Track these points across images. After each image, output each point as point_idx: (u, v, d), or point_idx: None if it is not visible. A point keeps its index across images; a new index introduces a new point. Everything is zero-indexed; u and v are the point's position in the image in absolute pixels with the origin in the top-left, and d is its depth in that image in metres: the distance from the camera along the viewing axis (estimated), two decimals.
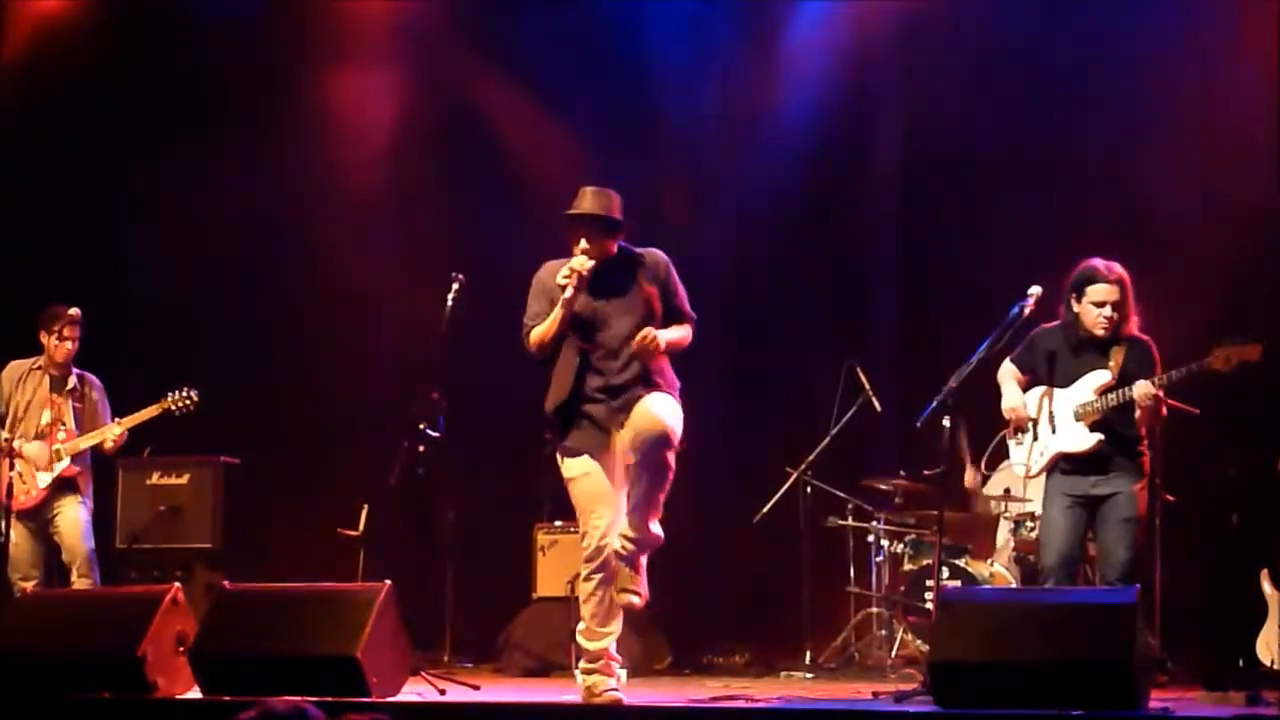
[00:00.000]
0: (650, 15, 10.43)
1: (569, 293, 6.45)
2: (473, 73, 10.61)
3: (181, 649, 6.85)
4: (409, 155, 10.67)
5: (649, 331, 6.43)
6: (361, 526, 9.37)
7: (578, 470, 6.53)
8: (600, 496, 6.50)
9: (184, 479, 9.62)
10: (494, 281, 9.60)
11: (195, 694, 6.76)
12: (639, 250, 6.69)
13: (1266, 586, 7.92)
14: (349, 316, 10.47)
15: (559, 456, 6.61)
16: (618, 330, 6.52)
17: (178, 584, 7.20)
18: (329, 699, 6.38)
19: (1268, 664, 7.69)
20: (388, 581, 6.80)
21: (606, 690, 6.58)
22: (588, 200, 6.62)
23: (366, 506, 9.40)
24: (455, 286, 7.90)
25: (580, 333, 6.54)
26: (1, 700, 6.75)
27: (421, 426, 7.91)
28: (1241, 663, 7.81)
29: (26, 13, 10.75)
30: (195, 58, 10.60)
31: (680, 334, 6.66)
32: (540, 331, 6.57)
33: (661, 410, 6.46)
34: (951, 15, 9.66)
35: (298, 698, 3.85)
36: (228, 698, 6.52)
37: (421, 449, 7.86)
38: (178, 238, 10.39)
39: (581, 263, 6.48)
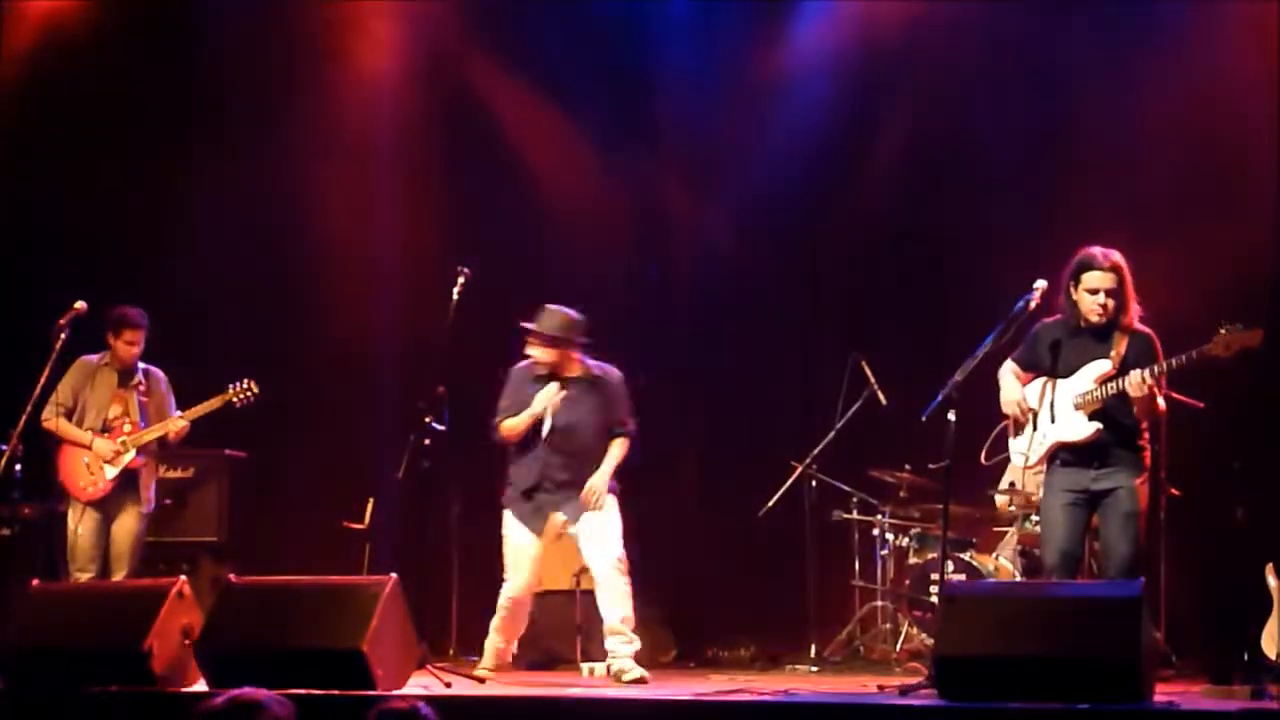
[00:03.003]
0: (657, 8, 10.47)
1: (525, 416, 7.83)
2: (478, 67, 10.61)
3: (187, 642, 6.86)
4: (414, 151, 10.67)
5: (594, 492, 7.80)
6: (367, 519, 9.41)
7: (517, 534, 7.95)
8: (525, 559, 7.91)
9: (190, 472, 9.66)
10: (499, 275, 9.64)
11: (201, 687, 6.77)
12: (599, 371, 7.94)
13: (1271, 581, 7.91)
14: (354, 309, 10.47)
15: (507, 514, 7.98)
16: (574, 437, 7.86)
17: (183, 577, 7.21)
18: (335, 692, 6.41)
19: (1273, 658, 7.69)
20: (393, 575, 6.81)
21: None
22: (544, 319, 7.85)
23: (372, 500, 9.44)
24: (461, 280, 7.95)
25: (543, 435, 7.85)
26: (9, 693, 6.77)
27: (427, 420, 7.92)
28: (1246, 657, 7.80)
29: (33, 11, 10.76)
30: (202, 54, 10.61)
31: (617, 457, 7.92)
32: (511, 426, 7.91)
33: (612, 535, 7.84)
34: (957, 12, 9.67)
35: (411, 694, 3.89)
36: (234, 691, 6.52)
37: (427, 442, 7.87)
38: (181, 234, 10.40)
39: (555, 395, 7.83)
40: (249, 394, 8.71)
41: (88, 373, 8.68)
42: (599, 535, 7.81)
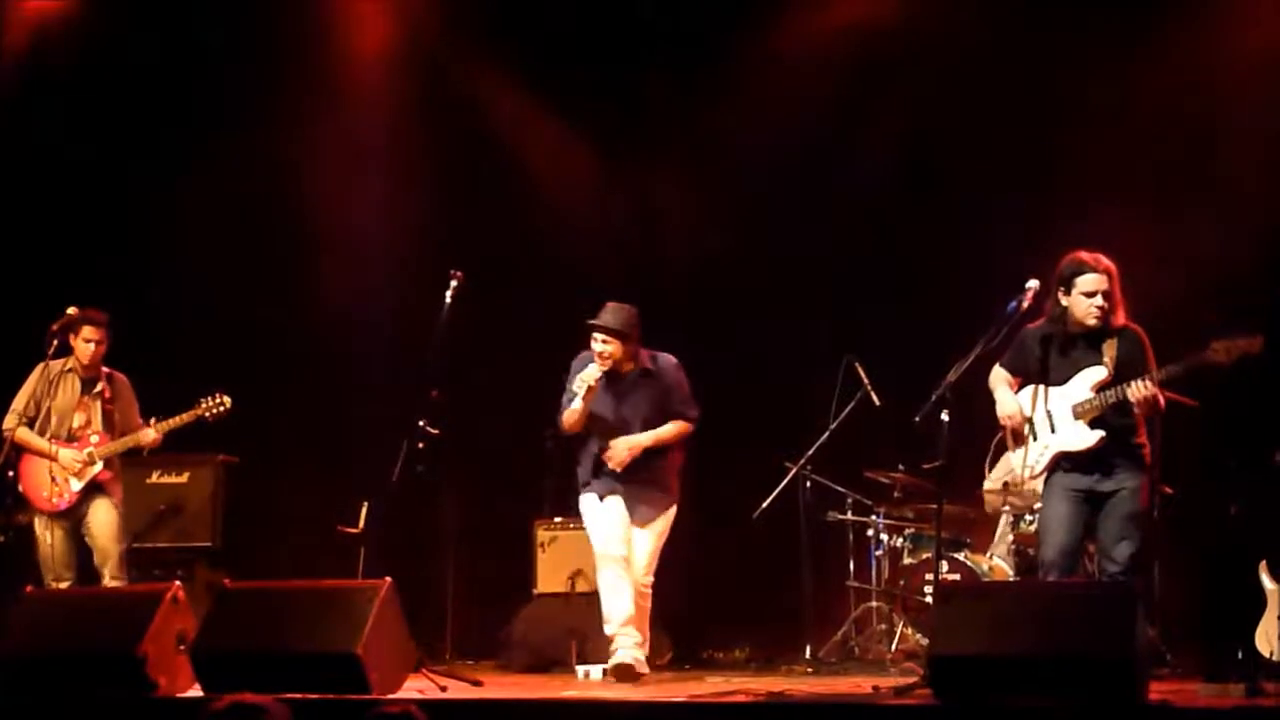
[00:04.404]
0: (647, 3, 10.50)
1: (577, 403, 7.87)
2: (471, 60, 10.61)
3: (182, 647, 6.86)
4: (408, 153, 10.66)
5: (621, 448, 7.89)
6: (362, 524, 9.39)
7: (587, 503, 8.07)
8: (598, 515, 8.00)
9: (184, 477, 9.65)
10: (492, 278, 9.66)
11: (196, 692, 6.77)
12: (651, 363, 8.06)
13: (1265, 578, 7.92)
14: (348, 313, 10.46)
15: (581, 502, 8.13)
16: (626, 431, 7.95)
17: (178, 582, 7.21)
18: (330, 696, 6.40)
19: (1267, 655, 7.69)
20: (388, 579, 6.80)
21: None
22: (605, 314, 7.92)
23: (366, 504, 9.42)
24: (453, 284, 7.95)
25: (599, 427, 7.95)
26: (3, 699, 6.76)
27: (421, 424, 7.92)
28: (1240, 654, 7.80)
29: (27, 12, 10.76)
30: (193, 55, 10.62)
31: (667, 431, 8.00)
32: (568, 416, 7.97)
33: (642, 559, 8.01)
34: (953, 5, 9.68)
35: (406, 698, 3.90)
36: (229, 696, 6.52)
37: (421, 446, 7.87)
38: (175, 238, 10.39)
39: (593, 374, 7.87)
40: (220, 407, 8.61)
41: (48, 379, 8.49)
42: (633, 557, 7.99)
